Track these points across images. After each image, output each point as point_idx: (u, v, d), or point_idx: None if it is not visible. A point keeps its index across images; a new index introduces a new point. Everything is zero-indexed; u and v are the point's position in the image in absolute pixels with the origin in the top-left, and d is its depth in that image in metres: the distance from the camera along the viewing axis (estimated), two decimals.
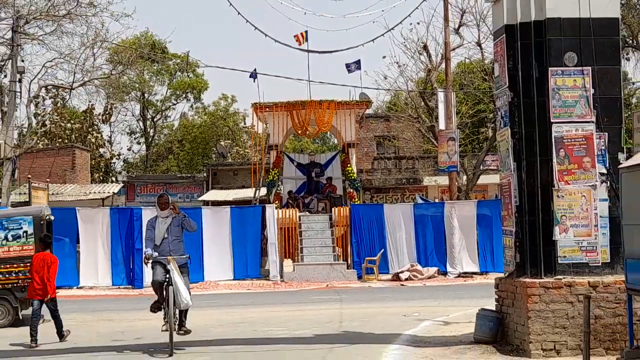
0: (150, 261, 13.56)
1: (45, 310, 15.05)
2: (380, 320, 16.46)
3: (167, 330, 13.03)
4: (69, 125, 49.16)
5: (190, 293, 13.40)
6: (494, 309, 13.21)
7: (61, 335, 15.22)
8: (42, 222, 18.11)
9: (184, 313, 13.54)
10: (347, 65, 34.44)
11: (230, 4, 13.20)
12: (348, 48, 15.95)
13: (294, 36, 30.76)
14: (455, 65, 38.14)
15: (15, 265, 17.55)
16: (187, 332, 13.57)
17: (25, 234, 17.91)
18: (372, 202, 36.81)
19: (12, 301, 17.38)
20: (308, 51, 22.75)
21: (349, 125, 34.91)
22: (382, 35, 15.89)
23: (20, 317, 17.34)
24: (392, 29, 27.43)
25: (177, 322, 13.33)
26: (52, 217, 18.98)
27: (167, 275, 13.22)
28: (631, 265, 10.42)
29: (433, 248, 28.91)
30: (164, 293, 13.26)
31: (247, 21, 13.31)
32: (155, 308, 13.84)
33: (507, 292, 12.76)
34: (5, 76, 34.94)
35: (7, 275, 17.50)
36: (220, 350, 13.43)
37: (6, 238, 17.87)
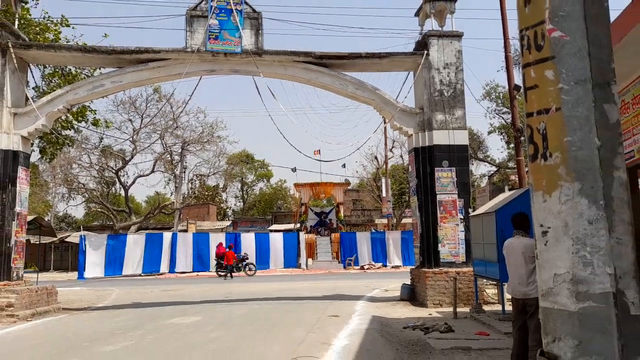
0: None
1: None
2: (354, 288, 16.30)
3: None
4: (206, 193, 49.33)
5: None
6: (410, 283, 13.06)
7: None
8: None
9: None
10: (342, 165, 35.15)
11: (280, 132, 13.30)
12: (339, 159, 16.27)
13: (314, 151, 31.13)
14: (390, 166, 38.28)
15: None
16: None
17: None
18: (350, 231, 36.58)
19: None
20: (320, 160, 23.29)
21: (339, 194, 35.09)
22: (353, 152, 16.36)
23: None
24: (358, 149, 28.08)
25: None
26: None
27: None
28: (475, 263, 10.33)
29: (380, 253, 28.69)
30: None
31: (291, 145, 13.54)
32: None
33: (416, 275, 12.63)
34: (177, 170, 35.24)
35: None
36: (276, 301, 13.30)
37: None
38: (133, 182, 35.84)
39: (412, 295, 12.58)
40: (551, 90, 2.49)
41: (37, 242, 28.27)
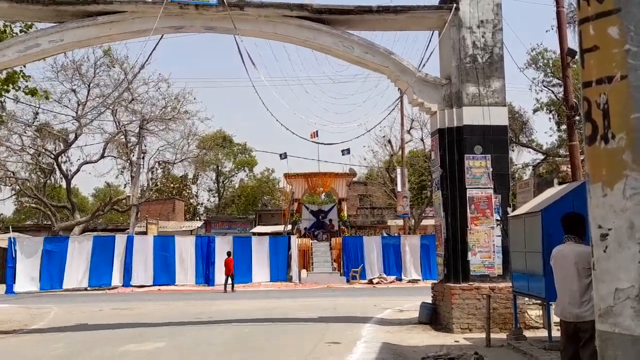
0: None
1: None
2: (360, 308, 16.34)
3: None
4: (171, 185, 49.35)
5: None
6: (430, 302, 13.09)
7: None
8: None
9: None
10: (342, 151, 34.94)
11: (267, 110, 13.29)
12: (342, 142, 16.35)
13: (310, 134, 31.12)
14: (407, 152, 38.30)
15: None
16: None
17: None
18: (356, 235, 36.69)
19: None
20: (318, 143, 23.10)
21: (342, 187, 35.13)
22: (362, 135, 16.28)
23: None
24: (369, 131, 28.06)
25: None
26: None
27: None
28: (515, 276, 10.38)
29: (393, 264, 28.76)
30: None
31: (281, 124, 13.42)
32: None
33: (439, 292, 12.67)
34: (134, 155, 35.20)
35: None
36: (260, 324, 13.34)
37: None
38: (77, 171, 35.79)
39: (433, 317, 12.62)
40: (615, 52, 2.48)
41: None
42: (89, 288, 26.01)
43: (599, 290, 2.48)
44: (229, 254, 25.59)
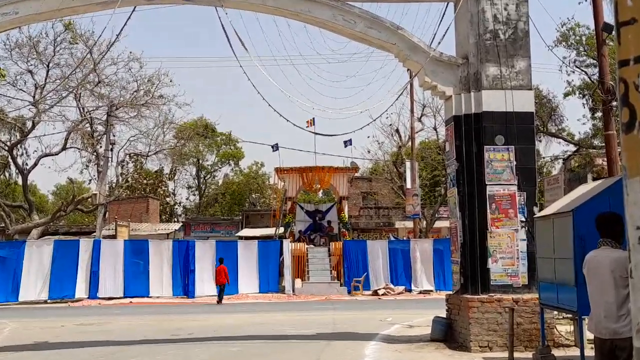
0: None
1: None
2: (363, 323, 16.36)
3: None
4: (144, 181, 49.31)
5: None
6: (444, 316, 13.12)
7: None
8: None
9: None
10: (344, 143, 34.93)
11: (258, 93, 13.30)
12: (343, 134, 16.42)
13: (306, 121, 31.05)
14: (418, 143, 38.33)
15: None
16: None
17: None
18: (359, 239, 36.70)
19: None
20: (315, 133, 22.91)
21: (343, 184, 35.13)
22: (368, 124, 16.17)
23: None
24: (374, 120, 28.05)
25: None
26: None
27: None
28: (542, 287, 10.39)
29: (402, 272, 28.82)
30: None
31: (274, 109, 13.40)
32: None
33: (454, 305, 12.69)
34: (101, 146, 35.17)
35: None
36: (249, 342, 13.36)
37: None
38: (35, 165, 35.74)
39: (448, 333, 12.64)
40: None
41: None
42: (49, 300, 25.99)
43: (637, 301, 2.48)
44: (221, 260, 25.71)
